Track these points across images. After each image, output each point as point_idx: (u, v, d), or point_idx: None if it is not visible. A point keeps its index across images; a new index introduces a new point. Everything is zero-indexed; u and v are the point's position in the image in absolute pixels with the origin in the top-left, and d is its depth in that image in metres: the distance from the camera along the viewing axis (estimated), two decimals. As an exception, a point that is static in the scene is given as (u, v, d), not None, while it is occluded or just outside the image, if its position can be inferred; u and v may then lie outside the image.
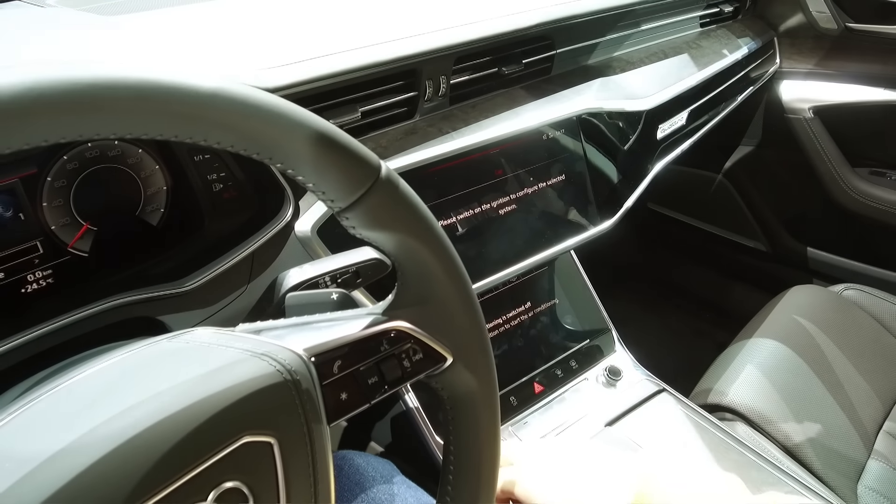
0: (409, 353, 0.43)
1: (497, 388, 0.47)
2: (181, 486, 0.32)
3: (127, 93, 0.29)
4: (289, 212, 0.64)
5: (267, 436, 0.35)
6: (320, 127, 0.35)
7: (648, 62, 1.07)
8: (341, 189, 0.36)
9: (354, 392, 0.41)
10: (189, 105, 0.30)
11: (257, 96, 0.32)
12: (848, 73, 1.35)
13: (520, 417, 0.84)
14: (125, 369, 0.37)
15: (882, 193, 1.38)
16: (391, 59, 0.71)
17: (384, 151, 0.73)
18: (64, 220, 0.59)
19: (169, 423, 0.32)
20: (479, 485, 0.47)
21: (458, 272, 0.43)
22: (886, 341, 1.14)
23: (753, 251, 1.64)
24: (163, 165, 0.63)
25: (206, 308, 0.61)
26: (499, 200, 0.83)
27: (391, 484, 0.68)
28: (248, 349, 0.37)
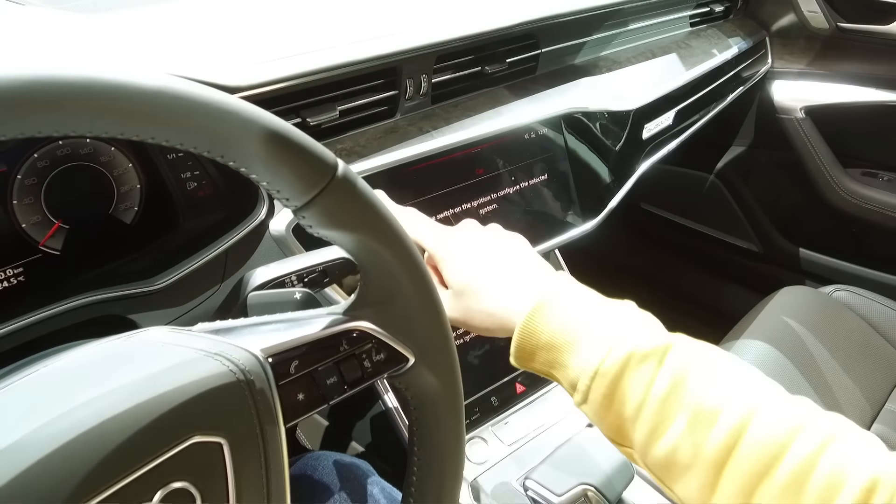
0: (370, 353, 0.43)
1: (461, 389, 0.47)
2: (126, 486, 0.31)
3: (68, 90, 0.29)
4: (263, 210, 0.64)
5: (217, 436, 0.35)
6: (272, 124, 0.34)
7: (636, 62, 1.06)
8: (296, 188, 0.36)
9: (312, 392, 0.41)
10: (132, 102, 0.30)
11: (204, 93, 0.32)
12: (840, 73, 1.35)
13: (501, 417, 0.84)
14: (76, 368, 0.36)
15: (874, 194, 1.38)
16: (370, 58, 0.70)
17: (363, 150, 0.73)
18: (35, 219, 0.58)
19: (115, 422, 0.32)
20: (442, 485, 0.47)
21: (419, 272, 0.42)
22: (876, 343, 1.14)
23: (745, 251, 1.63)
24: (136, 163, 0.62)
25: (178, 307, 0.60)
26: (480, 200, 0.83)
27: (365, 484, 0.67)
28: (202, 348, 0.37)
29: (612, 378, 0.45)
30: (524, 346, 0.50)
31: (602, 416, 0.47)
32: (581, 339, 0.47)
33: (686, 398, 0.43)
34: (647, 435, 0.44)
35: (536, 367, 0.51)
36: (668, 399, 0.43)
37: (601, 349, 0.46)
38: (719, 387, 0.44)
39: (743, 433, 0.41)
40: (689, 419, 0.43)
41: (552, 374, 0.50)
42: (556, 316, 0.49)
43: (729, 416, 0.42)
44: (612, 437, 0.48)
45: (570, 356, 0.47)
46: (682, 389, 0.44)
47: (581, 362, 0.47)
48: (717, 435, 0.42)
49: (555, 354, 0.48)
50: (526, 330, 0.49)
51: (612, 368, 0.45)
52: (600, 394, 0.46)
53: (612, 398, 0.45)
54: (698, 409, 0.43)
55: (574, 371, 0.47)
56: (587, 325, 0.48)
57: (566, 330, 0.48)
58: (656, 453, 0.44)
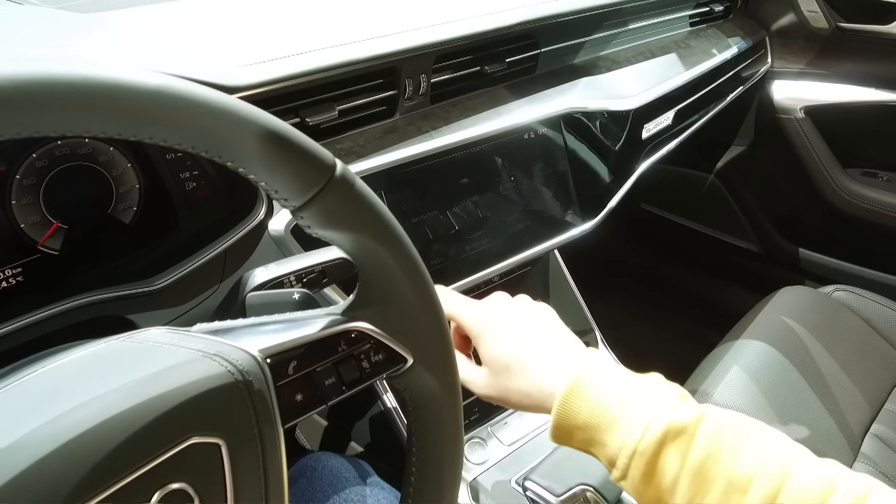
0: (369, 353, 0.43)
1: (459, 389, 0.47)
2: (124, 486, 0.31)
3: (65, 90, 0.29)
4: (262, 210, 0.64)
5: (215, 437, 0.35)
6: (269, 124, 0.34)
7: (635, 61, 1.06)
8: (294, 188, 0.36)
9: (310, 393, 0.41)
10: (130, 102, 0.30)
11: (202, 93, 0.32)
12: (839, 73, 1.35)
13: (500, 418, 0.84)
14: (75, 369, 0.36)
15: (873, 194, 1.38)
16: (369, 57, 0.70)
17: (362, 150, 0.73)
18: (34, 219, 0.58)
19: (114, 422, 0.32)
20: (441, 485, 0.47)
21: (418, 272, 0.42)
22: (875, 343, 1.14)
23: (745, 251, 1.63)
24: (135, 163, 0.62)
25: (177, 307, 0.60)
26: (479, 199, 0.83)
27: (364, 485, 0.67)
28: (200, 349, 0.37)
29: (650, 455, 0.47)
30: (562, 427, 0.51)
31: (641, 491, 0.48)
32: (617, 418, 0.49)
33: (719, 468, 0.45)
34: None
35: (574, 444, 0.52)
36: (703, 469, 0.45)
37: (638, 428, 0.47)
38: (750, 454, 0.46)
39: (776, 499, 0.43)
40: (724, 488, 0.45)
41: (590, 451, 0.52)
42: (590, 396, 0.50)
43: (761, 483, 0.44)
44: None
45: (608, 435, 0.49)
46: (716, 459, 0.46)
47: (619, 441, 0.48)
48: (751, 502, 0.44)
49: (592, 433, 0.50)
50: (562, 411, 0.51)
51: (651, 446, 0.47)
52: (639, 471, 0.47)
53: (650, 474, 0.47)
54: (731, 477, 0.45)
55: (612, 449, 0.49)
56: (621, 403, 0.49)
57: (602, 409, 0.50)
58: None
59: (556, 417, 0.51)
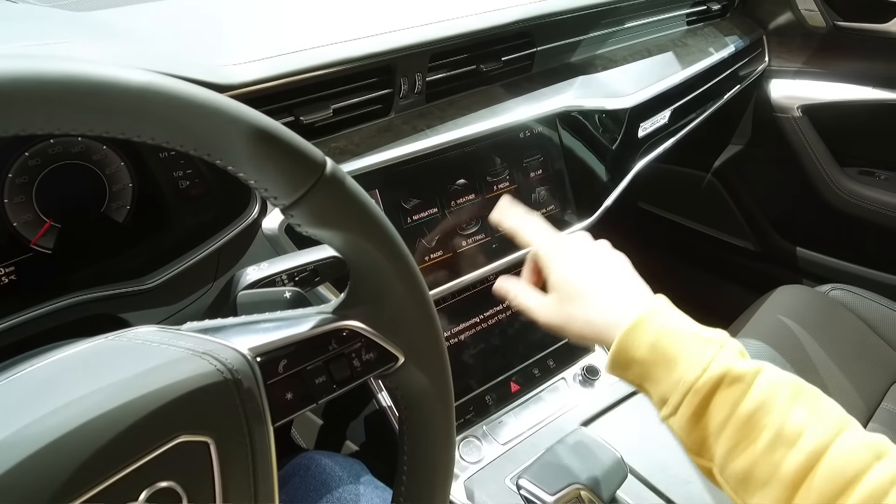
0: (360, 352, 0.43)
1: (451, 388, 0.46)
2: (111, 485, 0.31)
3: (50, 88, 0.29)
4: (255, 209, 0.64)
5: (204, 436, 0.34)
6: (258, 122, 0.34)
7: (632, 60, 1.06)
8: (283, 186, 0.36)
9: (301, 392, 0.40)
10: (116, 100, 0.30)
11: (189, 90, 0.32)
12: (837, 72, 1.34)
13: (495, 416, 0.84)
14: (63, 367, 0.36)
15: (871, 193, 1.37)
16: (363, 56, 0.70)
17: (357, 149, 0.73)
18: (26, 217, 0.58)
19: (101, 421, 0.32)
20: (433, 484, 0.47)
21: (409, 270, 0.42)
22: (872, 342, 1.14)
23: (742, 250, 1.63)
24: (128, 162, 0.62)
25: (170, 306, 0.60)
26: (475, 198, 0.83)
27: (358, 484, 0.67)
28: (190, 348, 0.37)
29: (704, 394, 0.48)
30: (621, 357, 0.52)
31: (688, 430, 0.49)
32: (677, 356, 0.50)
33: (770, 418, 0.46)
34: (729, 450, 0.47)
35: (629, 377, 0.53)
36: (753, 418, 0.46)
37: (697, 368, 0.48)
38: (803, 412, 0.46)
39: (822, 456, 0.43)
40: (771, 438, 0.45)
41: (643, 387, 0.53)
42: (653, 332, 0.51)
43: (810, 439, 0.44)
44: (693, 451, 0.50)
45: (665, 371, 0.50)
46: (768, 410, 0.46)
47: (675, 378, 0.49)
48: (796, 455, 0.44)
49: (649, 368, 0.51)
50: (624, 342, 0.52)
51: (706, 386, 0.47)
52: (691, 409, 0.48)
53: (700, 414, 0.48)
54: (781, 429, 0.45)
55: (667, 385, 0.50)
56: (683, 344, 0.50)
57: (664, 346, 0.50)
58: (735, 468, 0.47)
59: (617, 347, 0.52)
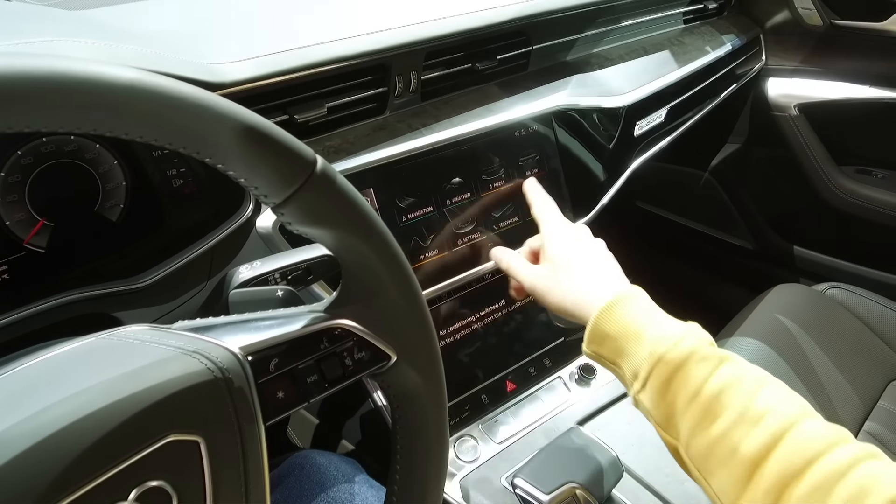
0: (352, 351, 0.43)
1: (444, 387, 0.46)
2: (100, 484, 0.31)
3: (36, 85, 0.28)
4: (249, 207, 0.63)
5: (194, 435, 0.34)
6: (247, 120, 0.34)
7: (628, 59, 1.06)
8: (274, 184, 0.36)
9: (292, 391, 0.40)
10: (104, 97, 0.30)
11: (178, 88, 0.32)
12: (834, 70, 1.34)
13: (491, 415, 0.83)
14: (53, 366, 0.36)
15: (868, 192, 1.37)
16: (358, 54, 0.70)
17: (351, 147, 0.73)
18: (19, 216, 0.58)
19: (90, 420, 0.32)
20: (426, 482, 0.46)
21: (401, 269, 0.42)
22: (869, 341, 1.14)
23: (739, 249, 1.63)
24: (121, 161, 0.62)
25: (163, 305, 0.60)
26: (471, 197, 0.82)
27: (352, 483, 0.67)
28: (180, 346, 0.37)
29: (673, 367, 0.50)
30: (597, 333, 0.56)
31: (656, 403, 0.51)
32: (649, 334, 0.53)
33: (735, 399, 0.47)
34: (694, 426, 0.48)
35: (604, 352, 0.57)
36: (720, 396, 0.48)
37: (667, 342, 0.51)
38: (768, 397, 0.47)
39: (784, 437, 0.45)
40: (735, 417, 0.46)
41: (616, 362, 0.56)
42: (629, 312, 0.55)
43: (772, 421, 0.45)
44: (661, 425, 0.52)
45: (637, 345, 0.53)
46: (734, 391, 0.48)
47: (646, 351, 0.52)
48: (758, 435, 0.45)
49: (623, 343, 0.54)
50: (601, 318, 0.56)
51: (676, 359, 0.50)
52: (659, 381, 0.50)
53: (668, 385, 0.50)
54: (745, 410, 0.46)
55: (638, 358, 0.52)
56: (658, 324, 0.54)
57: (637, 324, 0.54)
58: (699, 444, 0.48)
59: (594, 322, 0.56)
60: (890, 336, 1.14)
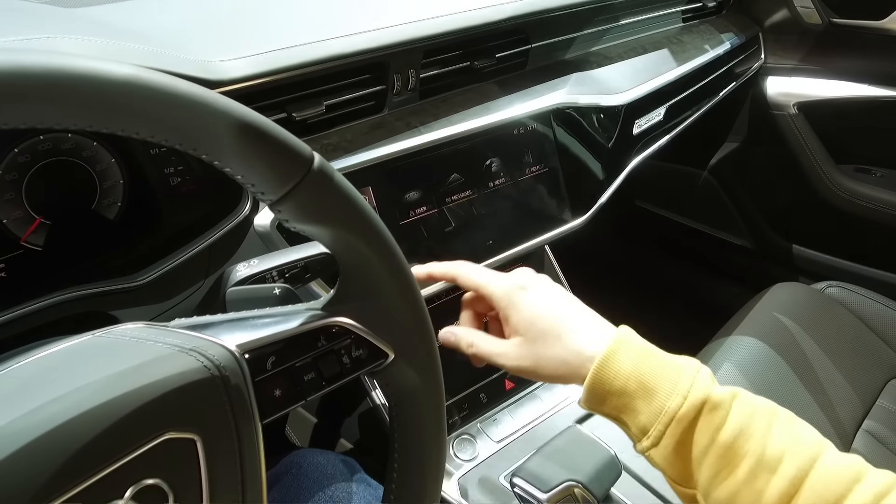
0: (349, 349, 0.43)
1: (442, 385, 0.46)
2: (96, 482, 0.31)
3: (32, 81, 0.28)
4: (247, 205, 0.63)
5: (190, 433, 0.34)
6: (244, 117, 0.34)
7: (627, 57, 1.06)
8: (270, 182, 0.36)
9: (289, 388, 0.40)
10: (99, 93, 0.30)
11: (173, 84, 0.32)
12: (833, 69, 1.34)
13: (489, 414, 0.83)
14: (49, 364, 0.36)
15: (867, 190, 1.37)
16: (356, 52, 0.70)
17: (349, 145, 0.72)
18: (16, 214, 0.58)
19: (86, 417, 0.32)
20: (423, 481, 0.46)
21: (399, 266, 0.42)
22: (868, 339, 1.14)
23: (738, 247, 1.63)
24: (119, 159, 0.62)
25: (161, 303, 0.60)
26: (468, 195, 0.82)
27: (350, 482, 0.67)
28: (177, 344, 0.37)
29: (686, 424, 0.47)
30: (596, 392, 0.52)
31: (671, 460, 0.49)
32: (655, 385, 0.49)
33: (750, 445, 0.46)
34: (711, 478, 0.47)
35: (605, 410, 0.52)
36: (734, 444, 0.46)
37: (677, 396, 0.48)
38: (781, 437, 0.46)
39: (803, 482, 0.44)
40: (753, 465, 0.45)
41: (620, 419, 0.52)
42: (627, 363, 0.51)
43: (790, 466, 0.45)
44: (676, 480, 0.50)
45: (644, 402, 0.49)
46: (748, 436, 0.46)
47: (656, 408, 0.49)
48: (778, 483, 0.44)
49: (626, 400, 0.50)
50: (598, 376, 0.51)
51: (689, 414, 0.47)
52: (674, 439, 0.48)
53: (683, 443, 0.48)
54: (761, 456, 0.45)
55: (646, 417, 0.49)
56: (659, 373, 0.50)
57: (640, 377, 0.50)
58: (719, 496, 0.47)
59: (592, 381, 0.51)
60: (889, 335, 1.14)
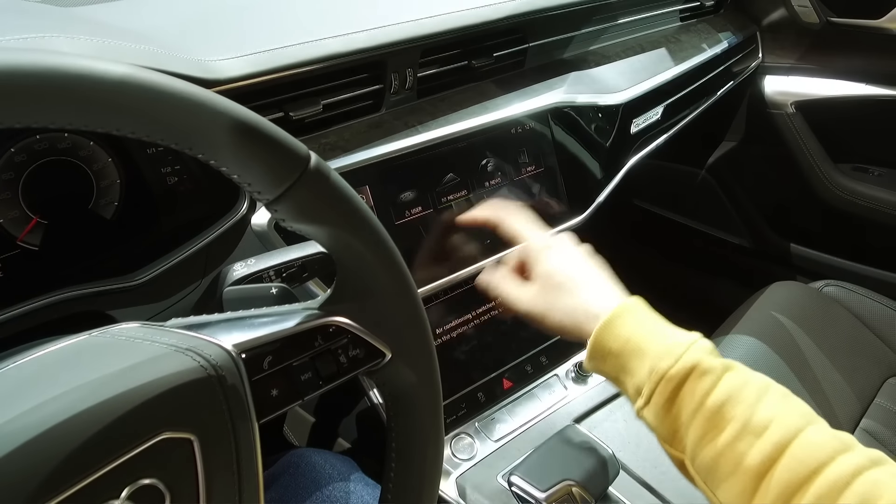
0: (346, 348, 0.43)
1: (439, 384, 0.46)
2: (92, 482, 0.31)
3: (25, 80, 0.28)
4: (245, 205, 0.63)
5: (187, 432, 0.34)
6: (240, 116, 0.34)
7: (624, 56, 1.06)
8: (267, 181, 0.36)
9: (286, 388, 0.40)
10: (94, 92, 0.30)
11: (169, 83, 0.32)
12: (830, 68, 1.34)
13: (487, 413, 0.83)
14: (45, 364, 0.36)
15: (865, 189, 1.38)
16: (353, 51, 0.70)
17: (347, 145, 0.72)
18: (13, 214, 0.58)
19: (83, 417, 0.32)
20: (421, 483, 0.46)
21: (395, 266, 0.42)
22: (866, 338, 1.14)
23: (736, 246, 1.63)
24: (116, 158, 0.62)
25: (158, 302, 0.60)
26: (467, 195, 0.82)
27: (348, 481, 0.67)
28: (173, 344, 0.37)
29: (676, 383, 0.50)
30: (598, 350, 0.55)
31: (661, 419, 0.51)
32: (651, 348, 0.52)
33: (737, 410, 0.47)
34: (698, 439, 0.48)
35: (606, 369, 0.56)
36: (722, 409, 0.48)
37: (669, 358, 0.50)
38: (771, 406, 0.47)
39: (787, 447, 0.45)
40: (739, 429, 0.47)
41: (619, 379, 0.55)
42: (629, 326, 0.54)
43: (776, 432, 0.46)
44: (666, 440, 0.52)
45: (639, 362, 0.52)
46: (736, 402, 0.48)
47: (648, 367, 0.51)
48: (762, 446, 0.45)
49: (625, 360, 0.53)
50: (601, 334, 0.54)
51: (678, 374, 0.49)
52: (663, 397, 0.50)
53: (672, 402, 0.50)
54: (748, 421, 0.47)
55: (641, 375, 0.52)
56: (658, 337, 0.53)
57: (638, 339, 0.53)
58: (703, 458, 0.48)
59: (595, 340, 0.55)
60: (886, 333, 1.14)
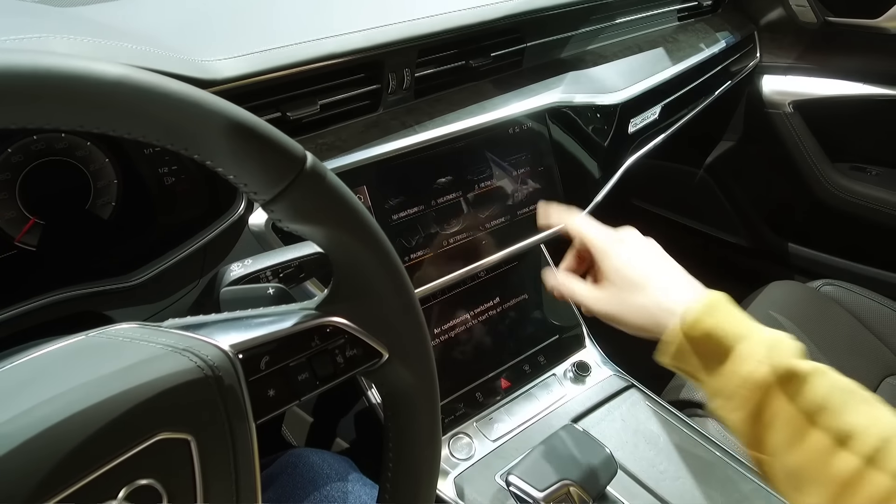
0: (343, 348, 0.43)
1: (436, 384, 0.46)
2: (89, 483, 0.31)
3: (25, 81, 0.28)
4: (242, 205, 0.63)
5: (184, 433, 0.34)
6: (236, 116, 0.34)
7: (622, 56, 1.06)
8: (263, 181, 0.36)
9: (283, 388, 0.40)
10: (90, 93, 0.29)
11: (165, 83, 0.32)
12: (828, 68, 1.35)
13: (486, 413, 0.83)
14: (41, 365, 0.36)
15: (862, 189, 1.38)
16: (351, 51, 0.70)
17: (344, 145, 0.72)
18: (10, 214, 0.58)
19: (80, 418, 0.31)
20: (418, 483, 0.46)
21: (392, 266, 0.42)
22: (863, 337, 1.14)
23: (734, 246, 1.63)
24: (113, 158, 0.62)
25: (156, 303, 0.60)
26: (465, 195, 0.82)
27: (345, 481, 0.67)
28: (170, 344, 0.37)
29: (766, 391, 0.47)
30: (681, 348, 0.52)
31: (748, 425, 0.49)
32: (738, 350, 0.49)
33: (826, 418, 0.46)
34: (784, 445, 0.47)
35: (685, 367, 0.53)
36: (811, 416, 0.46)
37: (759, 364, 0.48)
38: (859, 414, 0.46)
39: (875, 461, 0.44)
40: (827, 437, 0.45)
41: (696, 377, 0.52)
42: (713, 323, 0.51)
43: (864, 443, 0.44)
44: (748, 443, 0.50)
45: (723, 364, 0.50)
46: (825, 410, 0.46)
47: (735, 371, 0.49)
48: (849, 458, 0.44)
49: (706, 360, 0.51)
50: (679, 332, 0.51)
51: (768, 382, 0.47)
52: (752, 404, 0.48)
53: (761, 409, 0.48)
54: (837, 430, 0.45)
55: (725, 379, 0.49)
56: (746, 338, 0.50)
57: (722, 337, 0.50)
58: (788, 463, 0.47)
59: (672, 336, 0.52)
60: (884, 333, 1.14)
